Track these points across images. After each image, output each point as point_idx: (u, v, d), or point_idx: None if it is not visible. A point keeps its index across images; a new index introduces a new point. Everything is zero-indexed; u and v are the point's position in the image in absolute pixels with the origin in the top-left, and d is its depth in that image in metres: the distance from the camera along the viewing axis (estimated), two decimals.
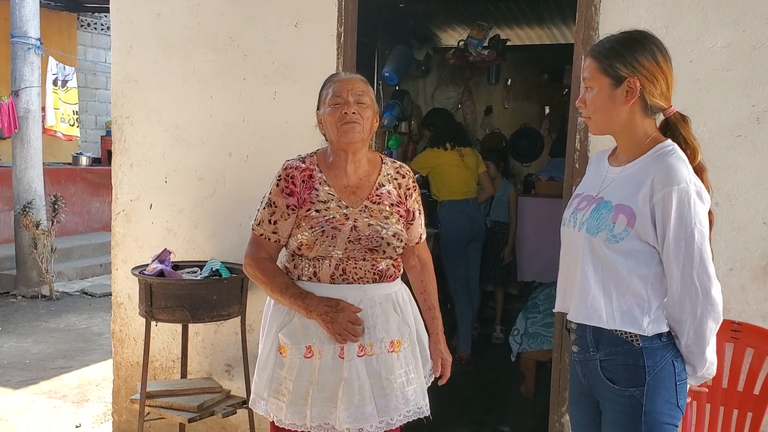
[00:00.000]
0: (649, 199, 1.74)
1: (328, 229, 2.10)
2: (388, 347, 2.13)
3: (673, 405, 1.81)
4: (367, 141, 2.21)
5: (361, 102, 2.14)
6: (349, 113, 2.11)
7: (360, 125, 2.12)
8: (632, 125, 1.83)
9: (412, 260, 2.37)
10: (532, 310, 4.30)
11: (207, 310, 2.97)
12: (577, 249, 1.86)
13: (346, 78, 2.20)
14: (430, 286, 2.38)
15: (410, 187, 2.27)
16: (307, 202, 2.14)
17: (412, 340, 2.21)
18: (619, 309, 1.80)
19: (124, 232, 3.62)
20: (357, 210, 2.15)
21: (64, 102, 8.96)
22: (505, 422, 3.99)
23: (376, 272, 2.14)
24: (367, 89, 2.19)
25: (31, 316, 6.57)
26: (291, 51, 3.22)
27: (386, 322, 2.13)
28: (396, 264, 2.21)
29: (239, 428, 3.38)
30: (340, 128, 2.12)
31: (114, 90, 3.59)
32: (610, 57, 1.80)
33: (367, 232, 2.12)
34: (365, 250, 2.11)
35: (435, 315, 2.36)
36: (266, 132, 3.29)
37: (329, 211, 2.13)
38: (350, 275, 2.11)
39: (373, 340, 2.10)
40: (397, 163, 2.32)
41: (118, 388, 3.70)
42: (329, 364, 2.08)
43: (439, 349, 2.33)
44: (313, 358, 2.09)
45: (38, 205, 7.27)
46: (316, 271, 2.12)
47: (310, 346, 2.10)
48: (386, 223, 2.16)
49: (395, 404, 2.12)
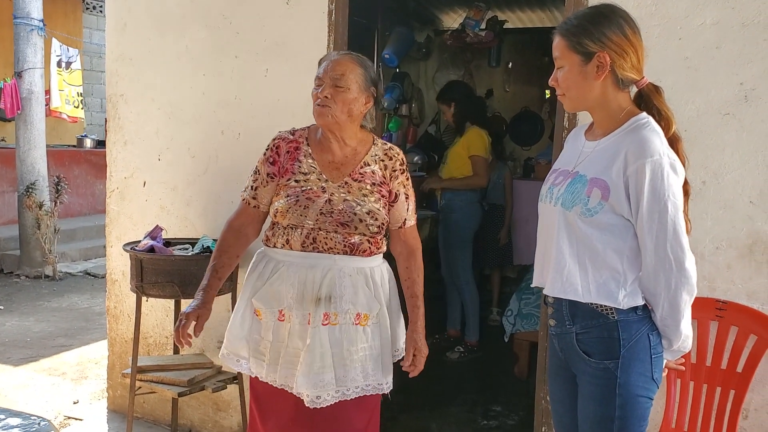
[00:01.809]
0: (623, 172, 1.74)
1: (302, 199, 2.14)
2: (354, 319, 2.16)
3: (648, 378, 1.82)
4: (348, 123, 2.20)
5: (338, 85, 2.14)
6: (321, 97, 2.15)
7: (330, 109, 2.14)
8: (605, 100, 1.83)
9: (399, 246, 2.35)
10: (525, 292, 4.31)
11: (197, 286, 2.94)
12: (553, 224, 1.86)
13: (334, 59, 2.20)
14: (415, 273, 2.34)
15: (396, 169, 2.27)
16: (288, 172, 2.20)
17: (382, 317, 2.23)
18: (594, 282, 1.81)
19: (118, 209, 3.65)
20: (336, 185, 2.18)
21: (69, 84, 8.99)
22: (498, 402, 4.01)
23: (347, 245, 2.16)
24: (351, 70, 2.16)
25: (34, 296, 6.63)
26: (282, 28, 3.22)
27: (354, 294, 2.15)
28: (373, 241, 2.21)
29: (231, 404, 3.42)
30: (314, 109, 2.17)
31: (108, 68, 3.61)
32: (578, 34, 1.80)
33: (340, 206, 2.14)
34: (337, 223, 2.14)
35: (417, 304, 2.33)
36: (258, 110, 3.30)
37: (308, 183, 2.18)
38: (320, 245, 2.15)
39: (339, 311, 2.13)
40: (388, 145, 2.32)
41: (113, 363, 3.75)
42: (297, 328, 2.15)
43: (414, 338, 2.28)
44: (285, 321, 2.17)
45: (41, 186, 7.33)
46: (288, 238, 2.17)
47: (282, 310, 2.17)
48: (362, 201, 2.17)
49: (353, 375, 2.15)
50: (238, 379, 3.17)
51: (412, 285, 2.34)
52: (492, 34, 5.64)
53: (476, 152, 4.68)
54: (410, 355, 2.27)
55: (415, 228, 2.37)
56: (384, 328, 2.24)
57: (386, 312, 2.25)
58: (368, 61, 2.24)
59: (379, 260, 2.28)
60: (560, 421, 2.05)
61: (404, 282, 2.35)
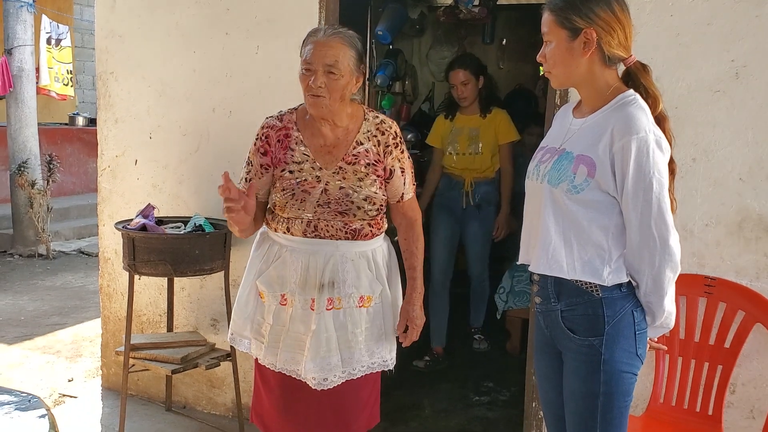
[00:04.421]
0: (609, 149, 1.74)
1: (298, 192, 2.12)
2: (357, 302, 2.17)
3: (632, 354, 1.84)
4: (341, 106, 2.13)
5: (331, 72, 2.04)
6: (315, 87, 2.05)
7: (325, 98, 2.06)
8: (592, 77, 1.83)
9: (398, 218, 2.34)
10: (517, 269, 4.33)
11: (189, 264, 3.00)
12: (540, 201, 1.87)
13: (322, 41, 2.06)
14: (413, 245, 2.33)
15: (389, 144, 2.19)
16: (282, 162, 2.16)
17: (384, 296, 2.24)
18: (579, 259, 1.82)
19: (110, 188, 3.64)
20: (330, 172, 2.14)
21: (58, 61, 8.90)
22: (490, 378, 4.04)
23: (348, 231, 2.15)
24: (343, 54, 2.06)
25: (28, 275, 6.64)
26: (273, 5, 3.19)
27: (357, 278, 2.16)
28: (373, 223, 2.19)
29: (224, 381, 3.44)
30: (307, 99, 2.10)
31: (98, 45, 3.57)
32: (566, 9, 1.80)
33: (337, 195, 2.12)
34: (335, 213, 2.13)
35: (414, 275, 2.33)
36: (249, 87, 3.28)
37: (302, 173, 2.14)
38: (322, 232, 2.14)
39: (342, 295, 2.14)
40: (380, 118, 2.23)
41: (107, 342, 3.76)
42: (299, 313, 2.15)
43: (408, 309, 2.29)
44: (287, 305, 2.16)
45: (33, 165, 7.30)
46: (289, 227, 2.16)
47: (284, 294, 2.17)
48: (359, 186, 2.14)
49: (358, 356, 2.18)
50: (231, 357, 3.19)
51: (411, 257, 2.34)
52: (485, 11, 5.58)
53: (511, 138, 4.15)
54: (403, 326, 2.29)
55: (414, 200, 2.33)
56: (386, 306, 2.25)
57: (388, 291, 2.26)
58: (356, 38, 2.13)
59: (381, 240, 2.27)
60: (546, 397, 2.07)
61: (403, 253, 2.36)
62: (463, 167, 4.14)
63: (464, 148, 4.12)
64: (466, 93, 4.11)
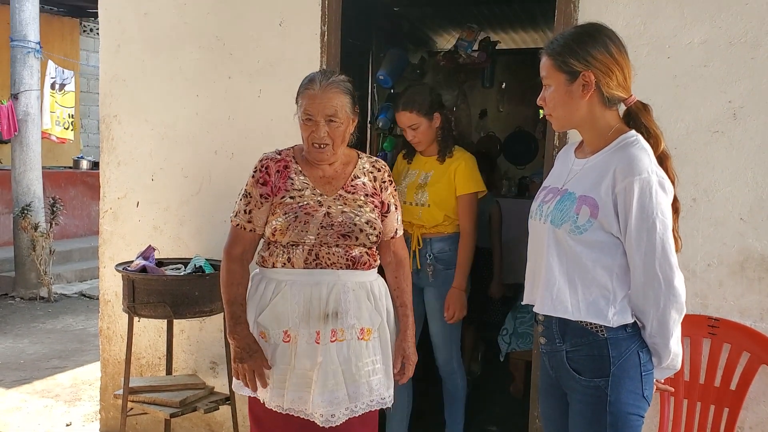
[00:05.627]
0: (611, 190, 1.75)
1: (301, 215, 2.14)
2: (358, 334, 2.17)
3: (639, 395, 1.81)
4: (342, 148, 2.24)
5: (333, 121, 2.15)
6: (318, 137, 2.15)
7: (329, 146, 2.17)
8: (593, 118, 1.84)
9: (388, 256, 2.38)
10: (521, 311, 4.29)
11: (189, 306, 2.98)
12: (543, 241, 1.87)
13: (320, 93, 2.13)
14: (404, 283, 2.38)
15: (385, 180, 2.32)
16: (282, 190, 2.20)
17: (382, 330, 2.24)
18: (584, 300, 1.81)
19: (111, 230, 3.65)
20: (331, 198, 2.20)
21: (60, 105, 9.03)
22: (494, 422, 3.98)
23: (349, 259, 2.17)
24: (341, 103, 2.15)
25: (29, 318, 6.60)
26: (275, 49, 3.24)
27: (358, 309, 2.16)
28: (371, 253, 2.23)
29: (224, 425, 3.39)
30: (310, 148, 2.19)
31: (102, 89, 3.62)
32: (563, 53, 1.82)
33: (340, 218, 2.16)
34: (338, 236, 2.14)
35: (406, 313, 2.36)
36: (251, 130, 3.31)
37: (303, 198, 2.18)
38: (323, 260, 2.15)
39: (345, 326, 2.14)
40: (373, 158, 2.36)
41: (106, 385, 3.72)
42: (304, 348, 2.13)
43: (403, 347, 2.33)
44: (291, 342, 2.15)
45: (37, 208, 7.32)
46: (289, 257, 2.16)
47: (287, 331, 2.15)
48: (360, 211, 2.19)
49: (361, 391, 2.16)
50: (230, 400, 3.15)
51: (402, 294, 2.37)
52: (485, 55, 5.68)
53: (469, 189, 3.19)
54: (398, 363, 2.31)
55: (402, 238, 2.42)
56: (384, 341, 2.25)
57: (386, 325, 2.26)
58: (348, 81, 2.23)
59: (376, 273, 2.29)
60: None
61: (393, 291, 2.37)
62: (407, 220, 3.10)
63: (411, 197, 3.23)
64: (418, 137, 3.20)
